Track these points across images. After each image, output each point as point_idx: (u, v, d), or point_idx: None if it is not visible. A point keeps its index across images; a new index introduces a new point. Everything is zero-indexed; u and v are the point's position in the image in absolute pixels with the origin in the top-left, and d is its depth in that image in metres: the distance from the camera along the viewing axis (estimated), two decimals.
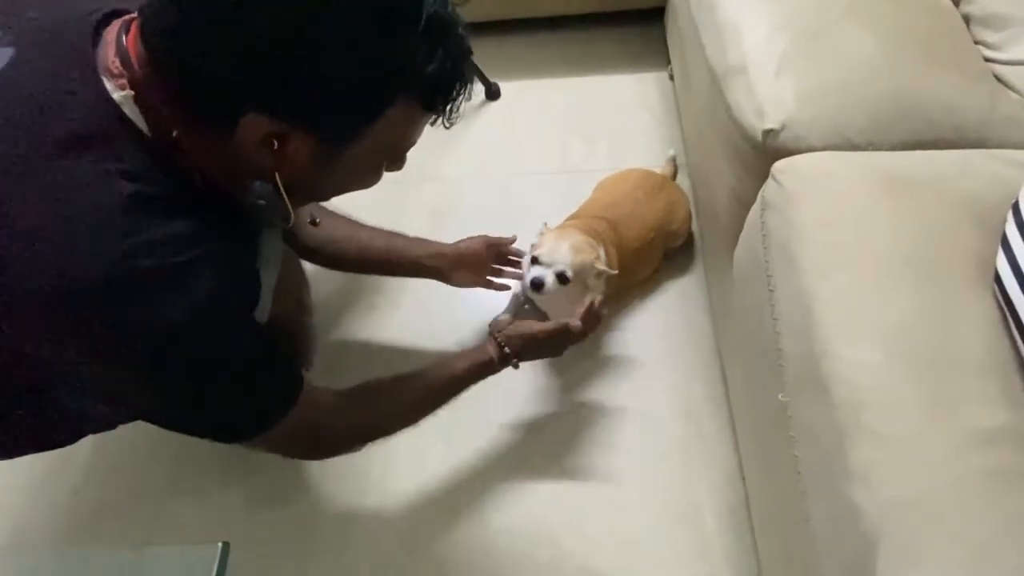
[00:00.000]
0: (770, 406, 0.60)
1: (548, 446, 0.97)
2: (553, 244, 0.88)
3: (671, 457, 0.94)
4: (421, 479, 0.95)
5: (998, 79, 0.71)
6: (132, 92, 0.47)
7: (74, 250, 0.44)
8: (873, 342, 0.50)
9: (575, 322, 0.84)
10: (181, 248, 0.47)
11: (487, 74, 1.44)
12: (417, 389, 0.76)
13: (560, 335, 0.84)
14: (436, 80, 0.50)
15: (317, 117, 0.48)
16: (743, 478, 0.89)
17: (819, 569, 0.51)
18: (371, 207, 0.92)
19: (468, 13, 0.52)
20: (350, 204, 0.81)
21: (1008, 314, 0.46)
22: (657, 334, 1.07)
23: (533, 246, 0.91)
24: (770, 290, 0.61)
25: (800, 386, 0.55)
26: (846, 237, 0.56)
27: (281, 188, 0.51)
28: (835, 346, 0.51)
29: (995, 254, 0.49)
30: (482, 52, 0.55)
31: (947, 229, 0.54)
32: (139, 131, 0.48)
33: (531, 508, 0.91)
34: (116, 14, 0.51)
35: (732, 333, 0.89)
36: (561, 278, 0.86)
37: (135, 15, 0.49)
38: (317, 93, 0.46)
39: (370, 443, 0.74)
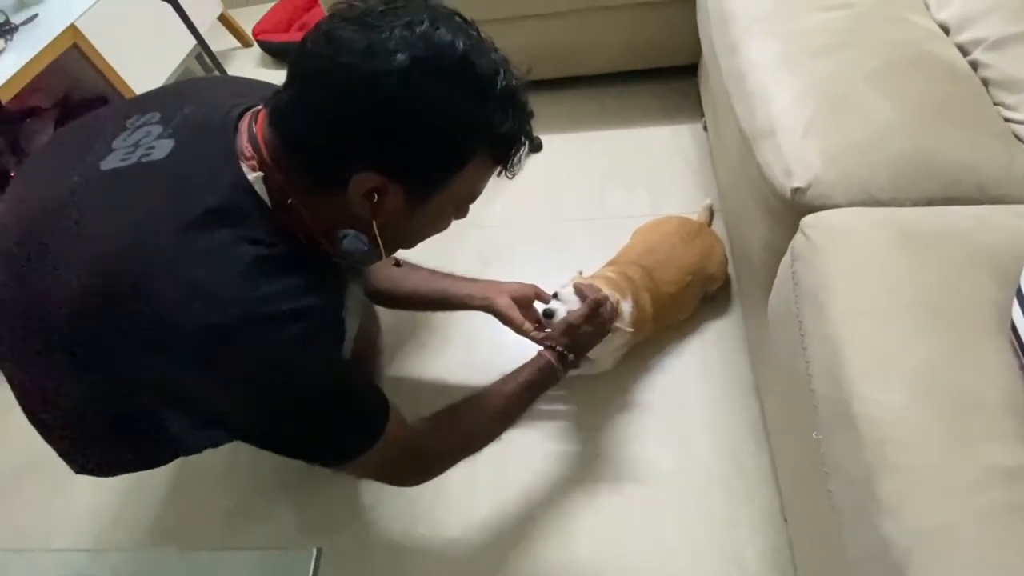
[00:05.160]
0: (805, 443, 0.63)
1: (592, 482, 1.00)
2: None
3: (713, 495, 0.96)
4: (470, 510, 0.99)
5: (1018, 138, 0.74)
6: (261, 173, 0.58)
7: (215, 297, 0.53)
8: (897, 384, 0.53)
9: (601, 295, 0.90)
10: (292, 299, 0.56)
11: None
12: (495, 404, 0.82)
13: (593, 314, 0.90)
14: (507, 138, 0.60)
15: (413, 171, 0.57)
16: (785, 518, 0.89)
17: None
18: (423, 251, 1.02)
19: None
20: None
21: (1023, 361, 0.50)
22: (697, 374, 1.10)
23: (562, 286, 0.97)
24: (801, 335, 0.65)
25: (831, 424, 0.58)
26: (870, 286, 0.61)
27: (377, 235, 0.61)
28: (862, 387, 0.55)
29: (1011, 303, 0.53)
30: None
31: (964, 279, 0.58)
32: (264, 203, 0.58)
33: (574, 542, 0.94)
34: (248, 108, 0.62)
35: (769, 373, 0.92)
36: None
37: (260, 107, 0.61)
38: (417, 152, 0.56)
39: (460, 461, 0.79)
